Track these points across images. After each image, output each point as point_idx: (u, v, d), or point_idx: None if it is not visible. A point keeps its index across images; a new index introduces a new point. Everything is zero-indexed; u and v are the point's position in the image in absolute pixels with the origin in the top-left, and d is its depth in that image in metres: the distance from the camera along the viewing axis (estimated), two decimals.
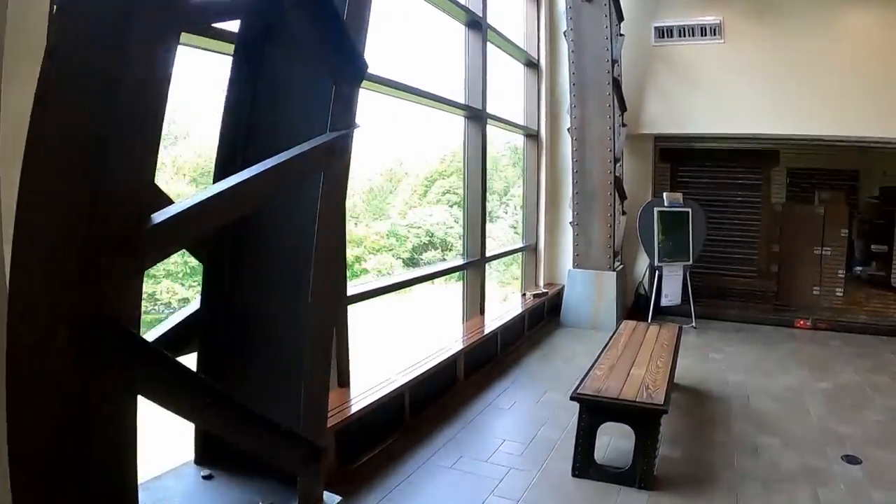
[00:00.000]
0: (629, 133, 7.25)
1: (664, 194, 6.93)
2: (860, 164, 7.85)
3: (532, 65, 7.37)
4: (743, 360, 5.89)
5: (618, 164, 6.78)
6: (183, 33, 1.42)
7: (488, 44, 6.30)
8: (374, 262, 16.02)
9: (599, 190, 6.71)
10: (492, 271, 7.80)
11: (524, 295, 6.86)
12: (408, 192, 21.99)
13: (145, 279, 1.39)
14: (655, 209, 6.77)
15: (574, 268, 7.00)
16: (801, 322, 7.16)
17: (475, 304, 6.01)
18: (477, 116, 5.86)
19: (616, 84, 6.63)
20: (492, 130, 6.22)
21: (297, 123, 2.14)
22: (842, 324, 7.07)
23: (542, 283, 7.48)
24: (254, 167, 1.66)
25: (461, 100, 5.80)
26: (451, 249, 20.99)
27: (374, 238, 17.10)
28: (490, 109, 6.02)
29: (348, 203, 2.86)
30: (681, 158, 7.86)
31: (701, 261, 7.27)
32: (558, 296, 7.11)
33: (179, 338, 2.12)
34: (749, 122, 6.83)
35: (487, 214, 6.13)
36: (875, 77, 6.39)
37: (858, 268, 8.07)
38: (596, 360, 4.16)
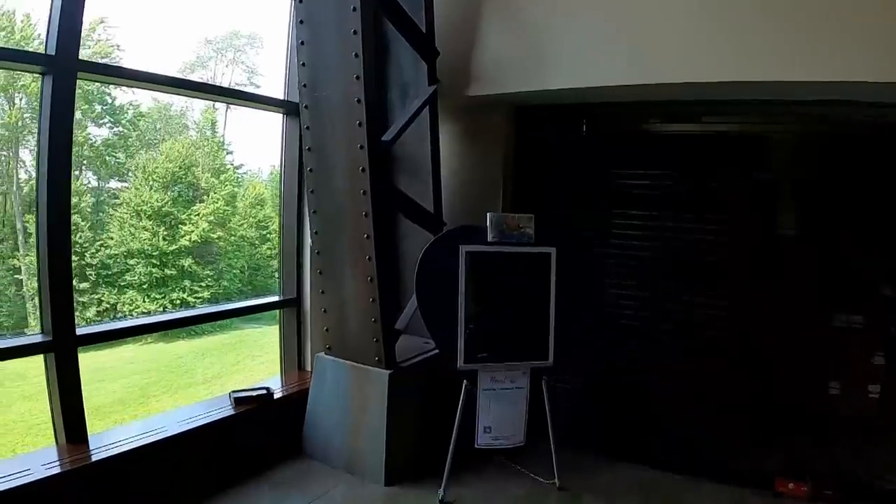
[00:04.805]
0: (460, 96, 3.64)
1: (488, 216, 3.20)
2: None
3: None
4: None
5: (384, 160, 3.19)
6: None
7: None
8: None
9: (349, 209, 3.17)
10: None
11: (231, 397, 3.47)
12: None
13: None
14: (464, 250, 3.10)
15: (326, 353, 3.51)
16: (789, 485, 3.24)
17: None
18: (52, 65, 2.65)
19: None
20: None
21: None
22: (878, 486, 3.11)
23: (308, 365, 4.05)
24: None
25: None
26: None
27: None
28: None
29: None
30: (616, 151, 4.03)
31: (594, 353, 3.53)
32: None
33: None
34: (682, 65, 3.00)
35: None
36: None
37: None
38: None
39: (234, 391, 3.49)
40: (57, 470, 2.60)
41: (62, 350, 2.83)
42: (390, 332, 3.26)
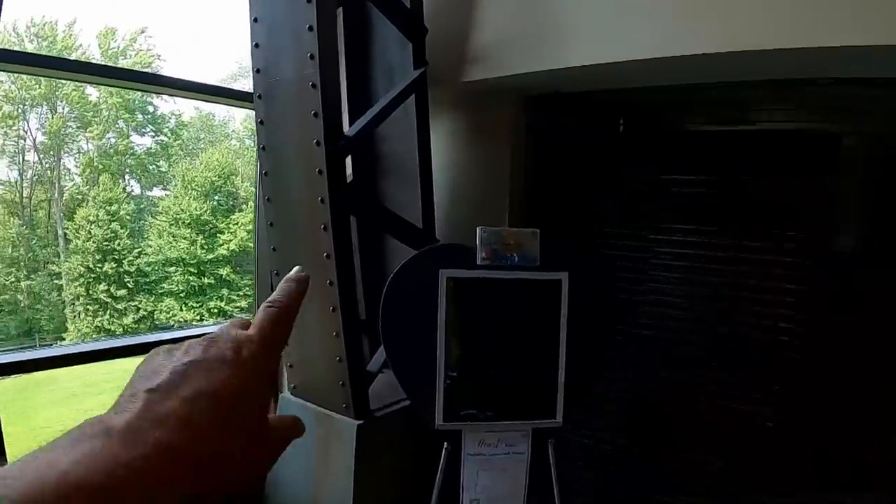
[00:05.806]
0: (455, 83, 2.98)
1: (478, 231, 2.50)
2: None
3: None
4: None
5: (350, 160, 2.56)
6: None
7: None
8: None
9: (306, 222, 2.56)
10: None
11: None
12: None
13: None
14: (445, 276, 2.42)
15: (291, 392, 2.91)
16: None
17: None
18: None
19: None
20: None
21: None
22: None
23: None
24: None
25: None
26: None
27: None
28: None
29: None
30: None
31: (615, 403, 2.78)
32: None
33: None
34: (741, 29, 2.24)
35: None
36: None
37: None
38: None
39: None
40: None
41: None
42: (361, 373, 2.62)
